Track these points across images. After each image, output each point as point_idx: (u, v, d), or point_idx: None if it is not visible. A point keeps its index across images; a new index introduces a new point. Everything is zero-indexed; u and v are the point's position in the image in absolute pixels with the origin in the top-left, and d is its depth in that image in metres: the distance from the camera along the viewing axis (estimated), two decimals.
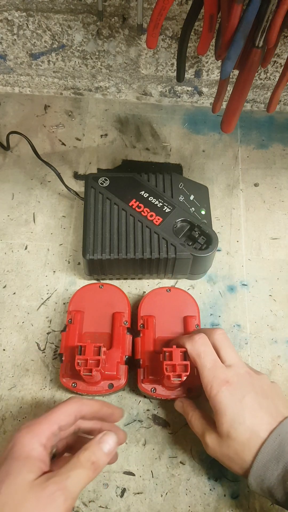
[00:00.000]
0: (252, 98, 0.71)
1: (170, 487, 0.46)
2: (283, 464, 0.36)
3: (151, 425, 0.49)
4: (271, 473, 0.36)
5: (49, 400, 0.50)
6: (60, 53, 0.66)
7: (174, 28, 0.60)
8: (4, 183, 0.64)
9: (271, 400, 0.40)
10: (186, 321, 0.51)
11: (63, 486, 0.31)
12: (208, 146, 0.69)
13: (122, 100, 0.73)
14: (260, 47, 0.39)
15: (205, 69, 0.66)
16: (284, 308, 0.56)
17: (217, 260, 0.59)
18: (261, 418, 0.39)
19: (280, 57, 0.64)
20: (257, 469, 0.37)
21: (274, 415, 0.39)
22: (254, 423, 0.38)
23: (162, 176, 0.57)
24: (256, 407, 0.39)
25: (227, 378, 0.40)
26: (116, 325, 0.50)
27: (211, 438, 0.40)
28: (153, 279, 0.57)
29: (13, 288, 0.56)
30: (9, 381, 0.51)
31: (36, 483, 0.32)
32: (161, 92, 0.71)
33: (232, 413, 0.39)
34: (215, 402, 0.40)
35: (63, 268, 0.58)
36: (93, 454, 0.34)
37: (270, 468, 0.36)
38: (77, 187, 0.64)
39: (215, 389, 0.40)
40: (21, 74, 0.70)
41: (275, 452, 0.37)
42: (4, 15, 0.61)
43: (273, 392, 0.42)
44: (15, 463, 0.33)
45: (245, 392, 0.40)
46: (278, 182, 0.66)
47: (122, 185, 0.56)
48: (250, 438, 0.38)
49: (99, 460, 0.34)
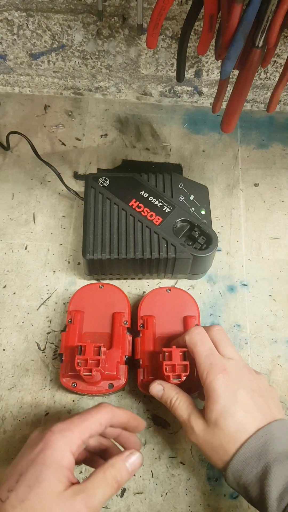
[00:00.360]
0: (252, 98, 0.71)
1: (170, 487, 0.46)
2: (263, 463, 0.36)
3: (151, 425, 0.49)
4: (250, 470, 0.36)
5: (49, 400, 0.50)
6: (60, 53, 0.66)
7: (174, 28, 0.60)
8: (4, 183, 0.64)
9: (266, 400, 0.40)
10: (186, 321, 0.51)
11: (90, 504, 0.32)
12: (208, 146, 0.69)
13: (122, 100, 0.73)
14: (260, 47, 0.39)
15: (205, 69, 0.66)
16: (284, 308, 0.56)
17: (217, 260, 0.59)
18: (252, 415, 0.38)
19: (280, 57, 0.64)
20: (237, 463, 0.37)
21: (266, 415, 0.39)
22: (244, 417, 0.38)
23: (162, 176, 0.57)
24: (249, 403, 0.39)
25: (225, 366, 0.40)
26: (116, 325, 0.50)
27: (197, 423, 0.39)
28: (153, 279, 0.57)
29: (13, 288, 0.56)
30: (9, 381, 0.51)
31: (65, 496, 0.32)
32: (161, 92, 0.72)
33: (225, 403, 0.38)
34: (209, 388, 0.39)
35: (63, 268, 0.58)
36: (118, 473, 0.34)
37: (250, 465, 0.36)
38: (77, 187, 0.64)
39: (211, 375, 0.39)
40: (21, 74, 0.70)
41: (258, 449, 0.36)
42: (4, 15, 0.61)
43: (269, 393, 0.41)
44: (46, 470, 0.32)
45: (241, 386, 0.39)
46: (278, 182, 0.66)
47: (122, 185, 0.56)
48: (237, 431, 0.37)
49: (123, 479, 0.35)
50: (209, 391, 0.39)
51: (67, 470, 0.33)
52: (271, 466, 0.35)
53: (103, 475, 0.34)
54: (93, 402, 0.50)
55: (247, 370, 0.42)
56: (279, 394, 0.50)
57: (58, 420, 0.48)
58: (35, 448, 0.34)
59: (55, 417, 0.49)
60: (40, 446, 0.34)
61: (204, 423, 0.39)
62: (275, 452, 0.36)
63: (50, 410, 0.49)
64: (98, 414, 0.36)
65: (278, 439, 0.37)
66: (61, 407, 0.49)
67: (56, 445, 0.33)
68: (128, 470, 0.35)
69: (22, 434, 0.48)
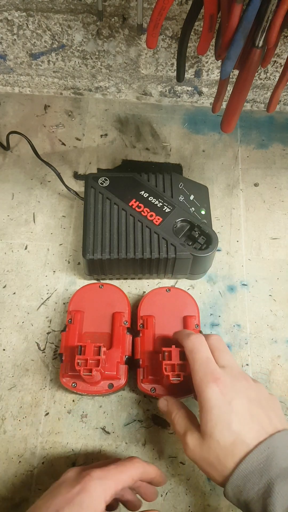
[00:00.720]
0: (252, 98, 0.71)
1: (170, 487, 0.46)
2: (266, 479, 0.34)
3: (151, 425, 0.49)
4: (251, 487, 0.34)
5: (49, 400, 0.50)
6: (60, 53, 0.66)
7: (174, 28, 0.60)
8: (4, 183, 0.64)
9: (265, 410, 0.38)
10: (186, 321, 0.51)
11: None
12: (208, 146, 0.69)
13: (122, 100, 0.73)
14: (260, 47, 0.39)
15: (205, 69, 0.66)
16: (284, 308, 0.56)
17: (217, 260, 0.59)
18: (249, 426, 0.36)
19: (280, 57, 0.64)
20: (237, 478, 0.35)
21: (265, 427, 0.37)
22: (241, 428, 0.36)
23: (162, 176, 0.57)
24: (245, 414, 0.37)
25: (219, 375, 0.38)
26: (116, 325, 0.50)
27: (192, 438, 0.38)
28: (153, 279, 0.57)
29: (13, 288, 0.56)
30: (9, 381, 0.51)
31: None
32: (161, 92, 0.71)
33: (219, 413, 0.36)
34: (202, 398, 0.37)
35: (63, 268, 0.58)
36: None
37: (252, 481, 0.34)
38: (77, 187, 0.64)
39: (204, 384, 0.38)
40: (21, 74, 0.70)
41: (261, 464, 0.34)
42: (4, 15, 0.61)
43: (268, 403, 0.39)
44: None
45: (236, 395, 0.37)
46: (278, 182, 0.66)
47: (122, 185, 0.56)
48: (234, 444, 0.35)
49: None
50: (202, 402, 0.38)
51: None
52: (274, 484, 0.33)
53: None
54: (93, 402, 0.50)
55: (244, 378, 0.40)
56: (279, 395, 0.51)
57: (57, 421, 0.48)
58: (72, 489, 0.35)
59: (55, 418, 0.49)
60: (78, 488, 0.35)
61: (200, 437, 0.37)
62: (279, 468, 0.34)
63: (50, 410, 0.49)
64: (132, 469, 0.38)
65: (281, 453, 0.35)
66: (61, 407, 0.49)
67: (94, 491, 0.35)
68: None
69: (22, 434, 0.48)
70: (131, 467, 0.38)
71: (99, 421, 0.49)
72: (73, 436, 0.48)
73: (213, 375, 0.38)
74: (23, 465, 0.47)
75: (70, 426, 0.49)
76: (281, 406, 0.49)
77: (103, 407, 0.50)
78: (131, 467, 0.38)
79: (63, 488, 0.36)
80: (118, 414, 0.49)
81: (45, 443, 0.48)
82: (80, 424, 0.49)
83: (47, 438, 0.48)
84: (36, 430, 0.48)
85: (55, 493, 0.36)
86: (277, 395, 0.50)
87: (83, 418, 0.49)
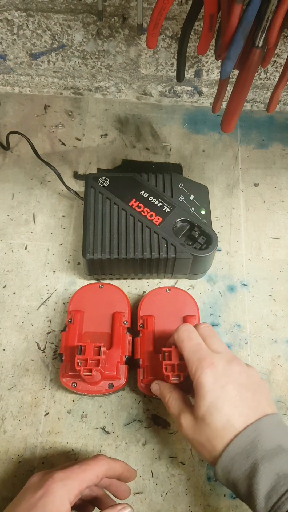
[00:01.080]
0: (252, 98, 0.71)
1: (170, 487, 0.46)
2: (252, 460, 0.35)
3: (151, 425, 0.49)
4: (239, 467, 0.36)
5: (49, 400, 0.50)
6: (60, 53, 0.66)
7: (174, 28, 0.60)
8: (4, 183, 0.64)
9: (255, 395, 0.39)
10: (185, 321, 0.51)
11: None
12: (208, 146, 0.69)
13: (122, 100, 0.73)
14: (260, 47, 0.39)
15: (205, 69, 0.66)
16: (284, 308, 0.56)
17: (217, 260, 0.59)
18: (239, 410, 0.38)
19: (280, 57, 0.64)
20: (225, 459, 0.36)
21: (254, 410, 0.38)
22: (231, 413, 0.37)
23: (162, 176, 0.57)
24: (237, 398, 0.38)
25: (213, 360, 0.39)
26: (116, 325, 0.50)
27: (185, 419, 0.39)
28: (153, 279, 0.57)
29: (13, 288, 0.56)
30: (9, 381, 0.51)
31: None
32: (161, 92, 0.71)
33: (212, 398, 0.38)
34: (198, 384, 0.39)
35: (63, 268, 0.58)
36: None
37: (239, 462, 0.36)
38: (77, 187, 0.64)
39: (199, 371, 0.39)
40: (21, 74, 0.70)
41: (247, 446, 0.36)
42: (4, 15, 0.61)
43: (259, 388, 0.40)
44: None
45: (229, 380, 0.39)
46: (278, 182, 0.66)
47: (122, 185, 0.56)
48: (224, 427, 0.37)
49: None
50: (198, 387, 0.39)
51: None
52: (259, 464, 0.35)
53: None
54: (93, 402, 0.50)
55: (237, 363, 0.41)
56: (279, 394, 0.51)
57: (57, 421, 0.48)
58: (35, 494, 0.35)
59: (55, 418, 0.49)
60: (40, 492, 0.35)
61: (193, 419, 0.39)
62: (264, 450, 0.36)
63: (50, 410, 0.49)
64: (96, 466, 0.38)
65: (267, 436, 0.36)
66: (61, 407, 0.49)
67: (56, 493, 0.35)
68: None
69: (22, 434, 0.48)
70: (94, 465, 0.38)
71: (99, 421, 0.49)
72: (73, 436, 0.48)
73: (207, 360, 0.40)
74: (23, 465, 0.47)
75: (70, 426, 0.49)
76: (281, 406, 0.49)
77: (103, 407, 0.50)
78: (95, 465, 0.38)
79: (27, 494, 0.36)
80: (118, 414, 0.49)
81: (45, 443, 0.48)
82: (80, 424, 0.49)
83: (47, 438, 0.48)
84: (36, 430, 0.48)
85: (20, 499, 0.37)
86: (277, 395, 0.51)
87: (83, 418, 0.49)
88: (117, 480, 0.41)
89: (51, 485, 0.36)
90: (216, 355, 0.40)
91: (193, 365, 0.40)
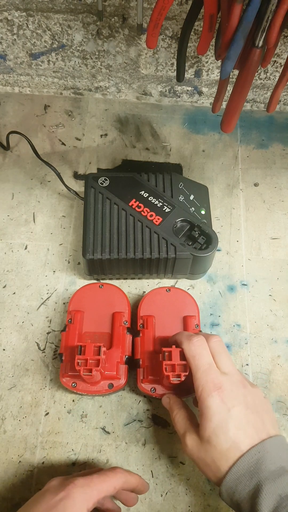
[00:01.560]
0: (252, 98, 0.71)
1: (170, 487, 0.46)
2: (256, 481, 0.36)
3: (151, 425, 0.49)
4: (243, 488, 0.36)
5: (49, 400, 0.50)
6: (60, 53, 0.66)
7: (174, 28, 0.60)
8: (4, 183, 0.64)
9: (260, 415, 0.40)
10: (185, 321, 0.51)
11: None
12: (208, 146, 0.69)
13: (122, 100, 0.73)
14: (260, 47, 0.39)
15: (205, 69, 0.66)
16: (284, 308, 0.56)
17: (217, 260, 0.59)
18: (245, 432, 0.38)
19: (280, 57, 0.64)
20: (230, 480, 0.37)
21: (259, 431, 0.38)
22: (237, 435, 0.38)
23: (162, 176, 0.57)
24: (243, 420, 0.39)
25: (221, 383, 0.40)
26: (116, 325, 0.50)
27: (191, 440, 0.40)
28: (153, 279, 0.57)
29: (13, 288, 0.56)
30: (9, 381, 0.51)
31: None
32: (161, 92, 0.71)
33: (218, 421, 0.38)
34: (204, 406, 0.39)
35: (63, 268, 0.58)
36: None
37: (243, 483, 0.36)
38: (77, 187, 0.64)
39: (206, 393, 0.39)
40: (21, 74, 0.70)
41: (251, 468, 0.36)
42: (4, 15, 0.61)
43: (263, 408, 0.41)
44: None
45: (235, 403, 0.39)
46: (278, 182, 0.66)
47: (122, 185, 0.56)
48: (229, 449, 0.37)
49: None
50: (204, 409, 0.39)
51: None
52: (262, 485, 0.35)
53: None
54: (93, 402, 0.50)
55: (242, 386, 0.41)
56: (279, 394, 0.51)
57: (57, 421, 0.48)
58: (56, 496, 0.37)
59: (55, 417, 0.49)
60: (61, 495, 0.36)
61: (198, 440, 0.39)
62: (267, 471, 0.36)
63: (50, 410, 0.49)
64: (114, 479, 0.39)
65: (270, 457, 0.37)
66: (61, 407, 0.49)
67: (77, 498, 0.36)
68: None
69: (22, 434, 0.48)
70: (113, 477, 0.39)
71: (99, 421, 0.49)
72: (73, 436, 0.48)
73: (215, 383, 0.40)
74: (23, 465, 0.47)
75: (70, 426, 0.49)
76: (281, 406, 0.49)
77: (103, 407, 0.50)
78: (114, 477, 0.40)
79: (47, 495, 0.37)
80: (118, 414, 0.49)
81: (45, 443, 0.48)
82: (80, 424, 0.49)
83: (47, 438, 0.48)
84: (36, 430, 0.48)
85: (40, 500, 0.37)
86: (277, 395, 0.51)
87: (83, 418, 0.49)
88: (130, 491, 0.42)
89: (72, 489, 0.37)
90: (223, 378, 0.41)
91: (200, 386, 0.40)
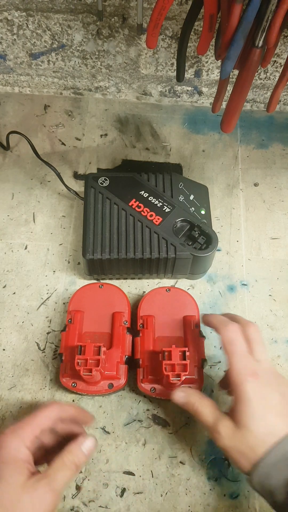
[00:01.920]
0: (252, 98, 0.71)
1: (170, 487, 0.46)
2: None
3: (151, 425, 0.49)
4: (278, 474, 0.36)
5: (49, 400, 0.50)
6: (60, 53, 0.66)
7: (174, 28, 0.60)
8: (4, 183, 0.64)
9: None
10: (185, 321, 0.51)
11: (52, 487, 0.35)
12: (208, 146, 0.69)
13: (122, 100, 0.73)
14: (260, 47, 0.39)
15: (205, 69, 0.66)
16: (284, 308, 0.56)
17: (217, 260, 0.59)
18: (282, 419, 0.38)
19: (280, 57, 0.64)
20: (265, 465, 0.36)
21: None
22: (274, 421, 0.38)
23: (162, 176, 0.57)
24: (279, 408, 0.39)
25: (256, 370, 0.40)
26: (116, 325, 0.50)
27: (225, 427, 0.39)
28: (153, 279, 0.57)
29: (13, 288, 0.56)
30: (9, 381, 0.51)
31: (28, 485, 0.35)
32: (161, 92, 0.71)
33: (256, 406, 0.38)
34: (240, 391, 0.39)
35: (63, 268, 0.58)
36: (76, 456, 0.38)
37: (278, 468, 0.36)
38: (77, 187, 0.64)
39: (243, 377, 0.39)
40: (21, 74, 0.70)
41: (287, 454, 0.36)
42: (4, 15, 0.61)
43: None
44: (6, 466, 0.36)
45: (271, 390, 0.40)
46: (278, 182, 0.66)
47: (122, 185, 0.56)
48: (267, 434, 0.37)
49: (81, 461, 0.38)
50: (240, 394, 0.39)
51: (25, 463, 0.36)
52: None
53: (62, 461, 0.37)
54: (93, 402, 0.50)
55: (277, 375, 0.42)
56: None
57: None
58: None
59: None
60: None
61: (233, 426, 0.39)
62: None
63: None
64: (46, 411, 0.40)
65: None
66: None
67: (10, 443, 0.37)
68: (84, 453, 0.39)
69: None
70: (45, 410, 0.40)
71: (99, 421, 0.49)
72: None
73: (251, 369, 0.40)
74: None
75: None
76: None
77: (103, 407, 0.50)
78: (45, 410, 0.40)
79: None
80: (118, 414, 0.49)
81: None
82: None
83: None
84: None
85: None
86: None
87: None
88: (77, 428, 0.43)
89: (3, 439, 0.37)
90: (258, 365, 0.41)
91: (235, 370, 0.40)
